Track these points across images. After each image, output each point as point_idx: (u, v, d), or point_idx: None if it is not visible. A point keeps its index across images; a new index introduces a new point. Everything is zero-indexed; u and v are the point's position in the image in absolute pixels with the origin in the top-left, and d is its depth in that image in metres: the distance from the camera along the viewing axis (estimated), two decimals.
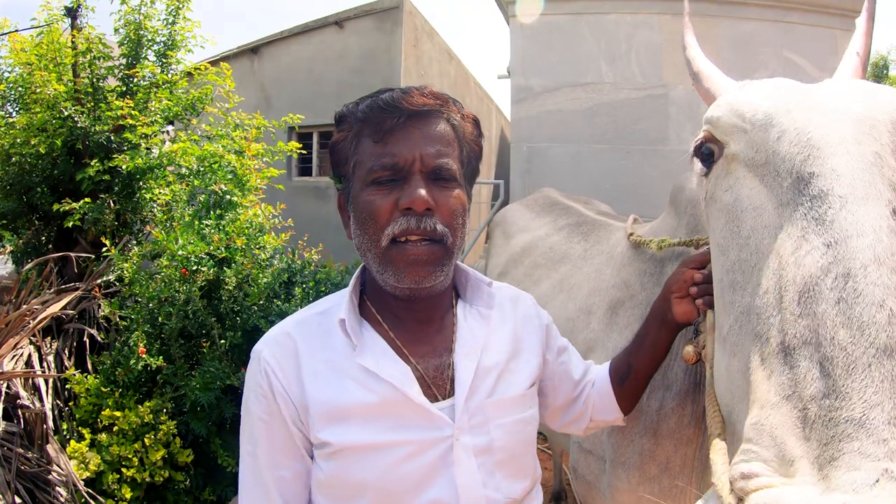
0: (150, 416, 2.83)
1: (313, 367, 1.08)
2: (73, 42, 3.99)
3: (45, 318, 3.02)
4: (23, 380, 2.75)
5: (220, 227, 3.27)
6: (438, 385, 1.10)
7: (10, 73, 4.04)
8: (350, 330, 1.08)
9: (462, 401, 1.07)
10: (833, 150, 0.84)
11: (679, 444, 1.38)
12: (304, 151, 5.10)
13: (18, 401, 2.59)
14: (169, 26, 4.24)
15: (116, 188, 3.92)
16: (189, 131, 4.21)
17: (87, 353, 3.25)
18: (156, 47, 4.26)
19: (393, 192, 1.04)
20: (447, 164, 1.06)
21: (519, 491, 1.11)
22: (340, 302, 1.14)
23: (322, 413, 1.04)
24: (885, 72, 15.55)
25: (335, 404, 1.04)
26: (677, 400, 1.38)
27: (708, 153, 1.04)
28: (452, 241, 1.07)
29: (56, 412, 2.93)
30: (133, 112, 3.78)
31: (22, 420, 2.59)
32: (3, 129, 3.89)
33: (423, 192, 1.02)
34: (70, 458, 2.63)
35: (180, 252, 3.02)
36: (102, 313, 3.35)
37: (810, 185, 0.82)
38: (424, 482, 1.03)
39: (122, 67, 4.17)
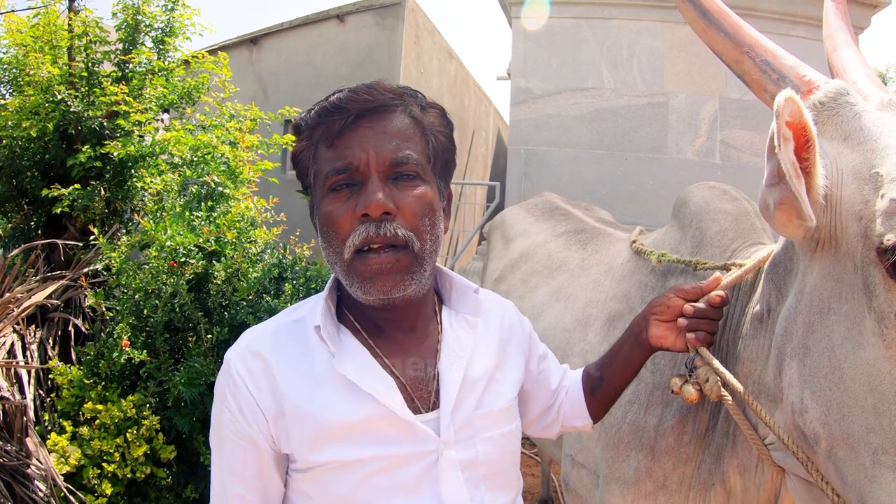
0: (133, 410, 2.77)
1: (290, 381, 1.01)
2: (69, 25, 3.92)
3: (29, 307, 2.95)
4: (4, 370, 2.69)
5: (211, 220, 3.20)
6: (422, 397, 1.04)
7: (4, 54, 3.98)
8: (327, 336, 1.01)
9: (448, 413, 1.02)
10: None
11: (678, 461, 1.35)
12: None
13: None
14: (168, 12, 4.18)
15: (107, 175, 3.86)
16: (184, 120, 4.14)
17: (72, 343, 3.19)
18: (153, 33, 4.19)
19: (351, 198, 0.98)
20: (407, 159, 0.98)
21: None
22: (315, 308, 1.06)
23: (299, 429, 0.99)
24: None
25: (314, 422, 0.98)
26: (677, 417, 1.35)
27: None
28: (420, 245, 0.99)
29: (38, 402, 2.87)
30: (127, 98, 3.71)
31: (1, 411, 2.53)
32: None
33: (379, 195, 0.95)
34: (50, 452, 2.57)
35: (168, 243, 2.97)
36: (88, 303, 3.29)
37: None
38: (407, 498, 0.98)
39: (118, 52, 4.11)
